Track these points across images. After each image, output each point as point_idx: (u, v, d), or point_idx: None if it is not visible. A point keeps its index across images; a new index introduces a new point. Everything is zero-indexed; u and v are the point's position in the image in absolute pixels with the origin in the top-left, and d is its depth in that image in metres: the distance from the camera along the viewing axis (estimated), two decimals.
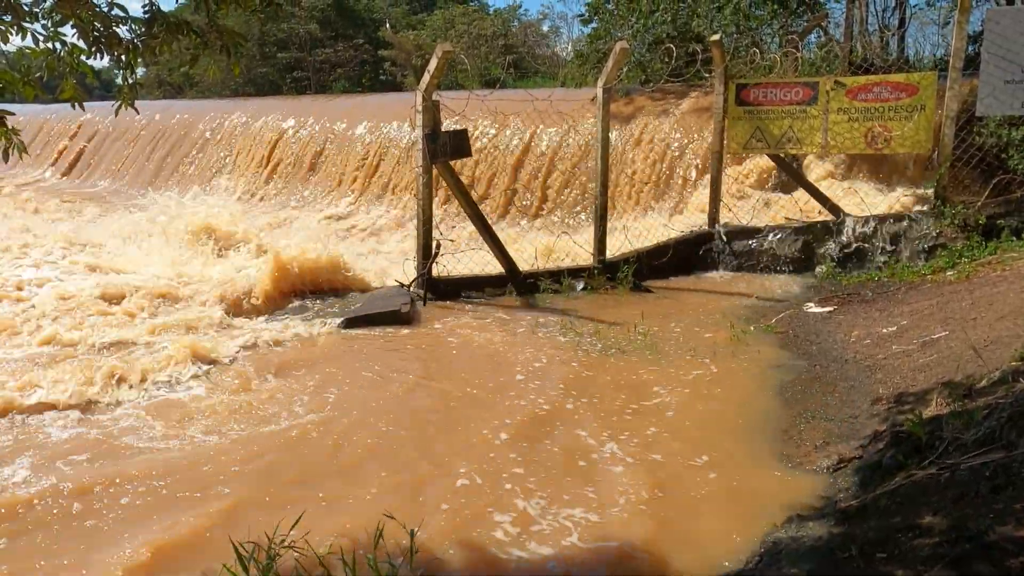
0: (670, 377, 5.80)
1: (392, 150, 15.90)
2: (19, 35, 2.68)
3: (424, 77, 8.03)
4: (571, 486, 4.16)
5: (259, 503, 4.00)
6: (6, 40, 2.65)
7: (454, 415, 5.20)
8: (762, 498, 3.93)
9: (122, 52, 2.73)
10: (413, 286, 8.32)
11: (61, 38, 2.72)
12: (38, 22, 2.68)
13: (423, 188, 8.31)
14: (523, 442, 4.73)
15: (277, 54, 31.19)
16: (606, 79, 8.80)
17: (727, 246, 9.61)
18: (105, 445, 4.75)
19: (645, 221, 11.01)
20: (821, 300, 7.77)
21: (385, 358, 6.43)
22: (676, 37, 14.57)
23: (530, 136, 13.98)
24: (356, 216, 14.95)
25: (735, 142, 9.69)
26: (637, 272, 8.88)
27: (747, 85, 9.53)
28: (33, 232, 12.25)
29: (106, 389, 5.59)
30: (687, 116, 13.00)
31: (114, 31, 2.68)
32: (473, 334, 7.08)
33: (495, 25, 27.60)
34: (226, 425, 5.03)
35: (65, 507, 3.97)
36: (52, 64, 2.76)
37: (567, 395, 5.49)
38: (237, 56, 2.91)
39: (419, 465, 4.45)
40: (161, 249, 10.02)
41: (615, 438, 4.74)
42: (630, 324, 7.10)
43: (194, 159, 20.23)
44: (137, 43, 2.76)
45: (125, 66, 2.85)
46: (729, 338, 6.60)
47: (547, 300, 8.24)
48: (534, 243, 9.68)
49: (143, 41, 2.76)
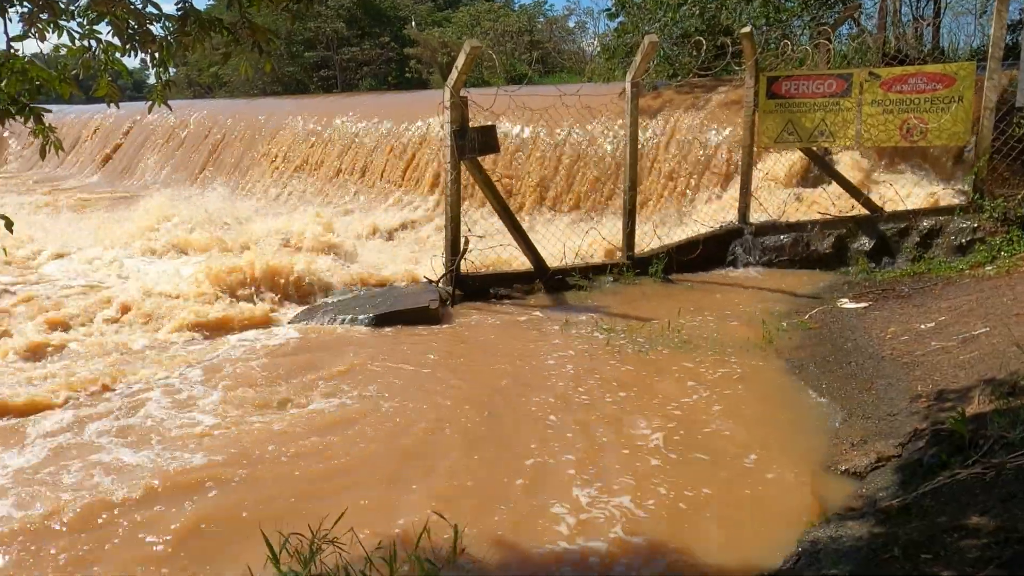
0: (704, 374, 5.73)
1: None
2: (55, 33, 2.70)
3: (452, 73, 8.01)
4: (612, 481, 4.12)
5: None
6: (43, 38, 2.67)
7: (493, 411, 5.18)
8: (799, 497, 3.85)
9: (155, 50, 2.74)
10: (441, 283, 8.31)
11: (96, 36, 2.74)
12: (74, 20, 2.70)
13: (451, 185, 8.30)
14: (561, 439, 4.69)
15: (304, 53, 31.44)
16: (634, 74, 8.72)
17: (758, 241, 9.48)
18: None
19: (674, 216, 10.89)
20: (855, 296, 7.62)
21: (414, 357, 6.43)
22: (705, 31, 14.40)
23: (557, 131, 13.91)
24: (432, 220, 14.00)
25: (766, 136, 9.54)
26: (667, 267, 8.80)
27: (778, 78, 9.37)
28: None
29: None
30: (716, 110, 12.83)
31: (148, 28, 2.69)
32: (503, 331, 7.06)
33: (520, 21, 27.55)
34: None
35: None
36: (88, 63, 2.78)
37: (604, 393, 5.45)
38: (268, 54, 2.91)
39: (465, 462, 4.44)
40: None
41: (652, 436, 4.69)
42: (661, 320, 7.02)
43: (263, 159, 19.14)
44: (170, 40, 2.77)
45: (159, 64, 2.86)
46: (762, 334, 6.50)
47: (576, 296, 8.19)
48: (561, 239, 9.61)
49: (176, 38, 2.77)
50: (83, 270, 10.16)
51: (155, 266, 10.11)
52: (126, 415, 5.19)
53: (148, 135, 24.13)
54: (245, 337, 7.06)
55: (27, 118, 2.72)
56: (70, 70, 2.79)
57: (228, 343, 6.88)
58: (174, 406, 5.32)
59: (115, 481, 4.19)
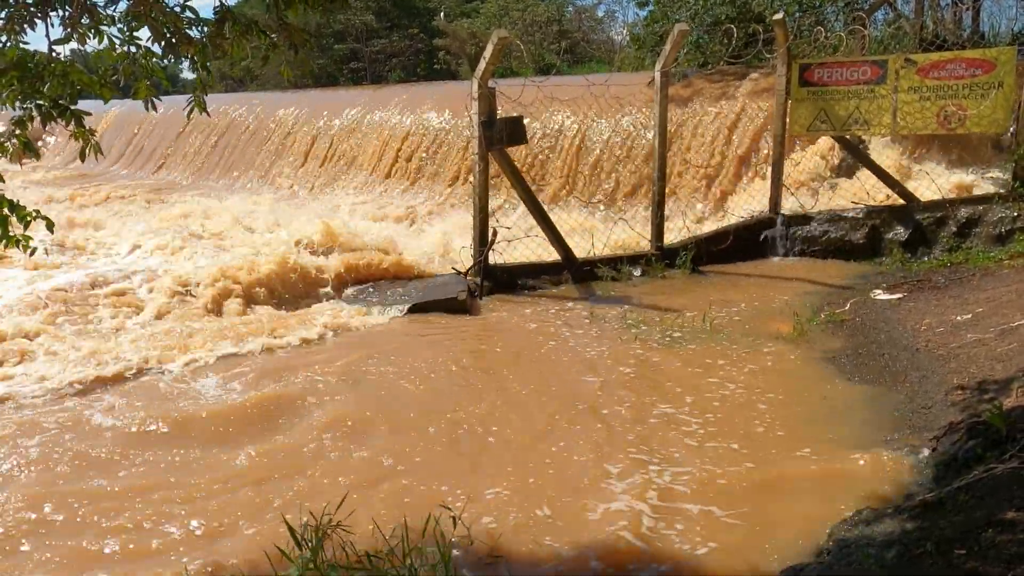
0: (734, 367, 5.69)
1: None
2: (96, 39, 2.77)
3: (480, 64, 8.02)
4: (646, 472, 4.14)
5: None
6: (84, 43, 2.74)
7: (527, 402, 5.22)
8: (831, 489, 3.82)
9: (194, 52, 2.79)
10: (470, 274, 8.35)
11: (136, 41, 2.80)
12: (115, 26, 2.76)
13: (479, 175, 8.31)
14: (594, 431, 4.71)
15: (334, 46, 31.65)
16: (664, 62, 8.64)
17: (789, 231, 9.36)
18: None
19: (704, 206, 10.80)
20: (890, 287, 7.50)
21: (441, 349, 6.48)
22: (736, 18, 14.21)
23: (585, 121, 13.85)
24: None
25: (798, 124, 9.40)
26: (696, 258, 8.74)
27: (811, 65, 9.22)
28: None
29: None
30: (747, 98, 12.66)
31: (185, 32, 2.75)
32: (532, 323, 7.08)
33: (549, 11, 27.40)
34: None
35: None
36: (128, 69, 2.84)
37: (637, 385, 5.46)
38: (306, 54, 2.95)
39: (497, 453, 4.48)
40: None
41: (685, 427, 4.69)
42: (691, 312, 6.99)
43: (326, 154, 18.18)
44: (207, 43, 2.82)
45: (201, 66, 2.91)
46: (794, 326, 6.43)
47: (605, 287, 8.17)
48: (590, 229, 9.60)
49: (213, 41, 2.81)
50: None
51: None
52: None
53: (214, 132, 22.60)
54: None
55: (68, 121, 2.79)
56: (110, 75, 2.85)
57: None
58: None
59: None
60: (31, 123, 2.80)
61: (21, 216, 2.56)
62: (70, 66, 2.67)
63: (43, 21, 2.63)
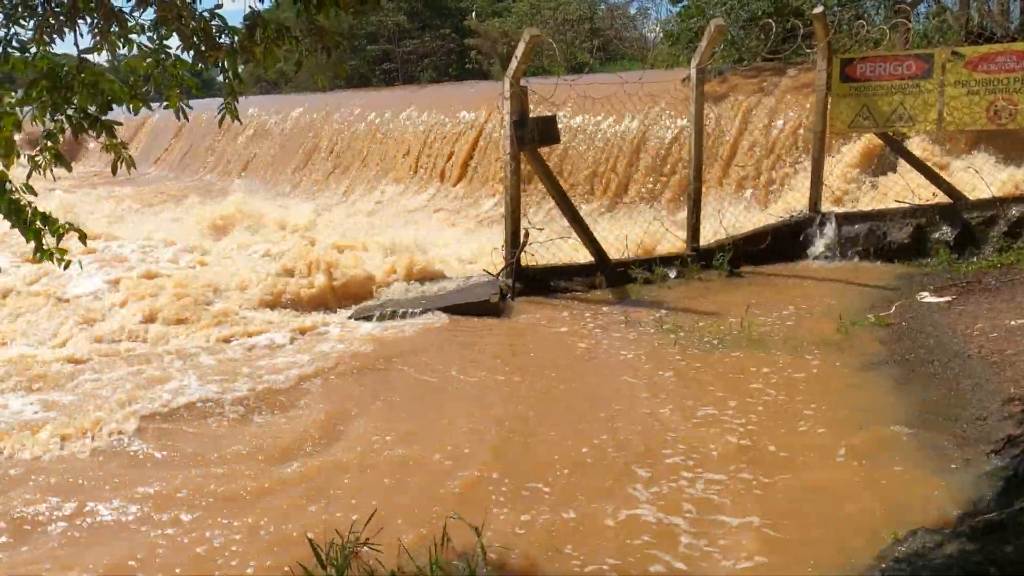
0: (776, 373, 5.52)
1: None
2: (126, 48, 2.73)
3: (511, 63, 7.92)
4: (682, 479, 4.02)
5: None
6: (113, 51, 2.70)
7: (563, 410, 5.12)
8: (881, 508, 3.65)
9: (224, 58, 2.74)
10: (501, 275, 8.27)
11: (167, 49, 2.75)
12: (144, 34, 2.72)
13: (511, 176, 8.21)
14: (635, 437, 4.60)
15: (367, 47, 31.79)
16: (700, 59, 8.46)
17: (830, 231, 9.09)
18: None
19: (740, 206, 10.57)
20: (937, 289, 7.24)
21: (474, 353, 6.41)
22: (772, 13, 13.91)
23: (618, 119, 13.67)
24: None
25: (839, 121, 9.14)
26: (733, 260, 8.54)
27: (852, 60, 8.95)
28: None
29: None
30: (784, 95, 12.39)
31: (215, 39, 2.70)
32: (566, 326, 6.96)
33: (581, 9, 27.15)
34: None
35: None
36: (159, 78, 2.80)
37: (673, 392, 5.32)
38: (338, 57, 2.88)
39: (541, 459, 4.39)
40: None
41: (726, 438, 4.55)
42: (729, 315, 6.81)
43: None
44: (237, 50, 2.77)
45: (232, 74, 2.86)
46: (837, 330, 6.23)
47: (639, 290, 8.03)
48: (624, 230, 9.44)
49: (244, 48, 2.76)
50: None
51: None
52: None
53: (260, 135, 22.76)
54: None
55: (99, 132, 2.77)
56: (141, 86, 2.82)
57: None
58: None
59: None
60: (62, 135, 2.78)
61: (54, 229, 2.53)
62: (100, 75, 2.65)
63: (72, 31, 2.61)
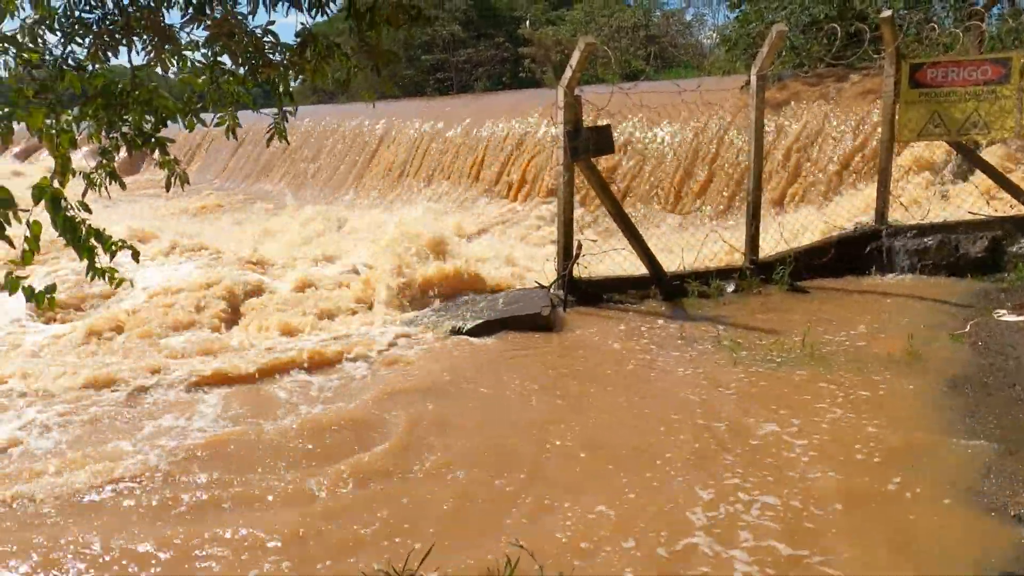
0: (841, 395, 5.26)
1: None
2: (180, 65, 2.74)
3: (565, 72, 7.82)
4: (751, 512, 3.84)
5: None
6: (166, 69, 2.71)
7: (619, 426, 4.99)
8: (957, 548, 3.41)
9: (275, 75, 2.72)
10: (553, 288, 8.15)
11: (221, 66, 2.75)
12: (198, 51, 2.72)
13: (564, 187, 8.10)
14: (699, 459, 4.43)
15: (421, 56, 32.14)
16: (761, 65, 8.22)
17: (898, 244, 8.70)
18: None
19: (801, 217, 10.23)
20: (1016, 307, 6.84)
21: (529, 365, 6.30)
22: (835, 17, 13.51)
23: (674, 128, 13.44)
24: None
25: (908, 129, 8.75)
26: (794, 273, 8.24)
27: (923, 65, 8.56)
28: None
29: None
30: (847, 101, 12.00)
31: (267, 55, 2.68)
32: (620, 341, 6.79)
33: (636, 16, 26.92)
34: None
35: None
36: (214, 95, 2.80)
37: (737, 412, 5.10)
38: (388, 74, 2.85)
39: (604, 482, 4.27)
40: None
41: (794, 463, 4.34)
42: (791, 332, 6.56)
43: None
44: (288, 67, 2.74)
45: (284, 91, 2.84)
46: (907, 350, 5.92)
47: (695, 304, 7.81)
48: (679, 242, 9.23)
49: (295, 65, 2.73)
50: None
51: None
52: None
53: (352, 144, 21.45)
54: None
55: (153, 149, 2.77)
56: (195, 102, 2.82)
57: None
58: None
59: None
60: (117, 152, 2.80)
61: (107, 246, 2.53)
62: (154, 92, 2.65)
63: (127, 48, 2.62)
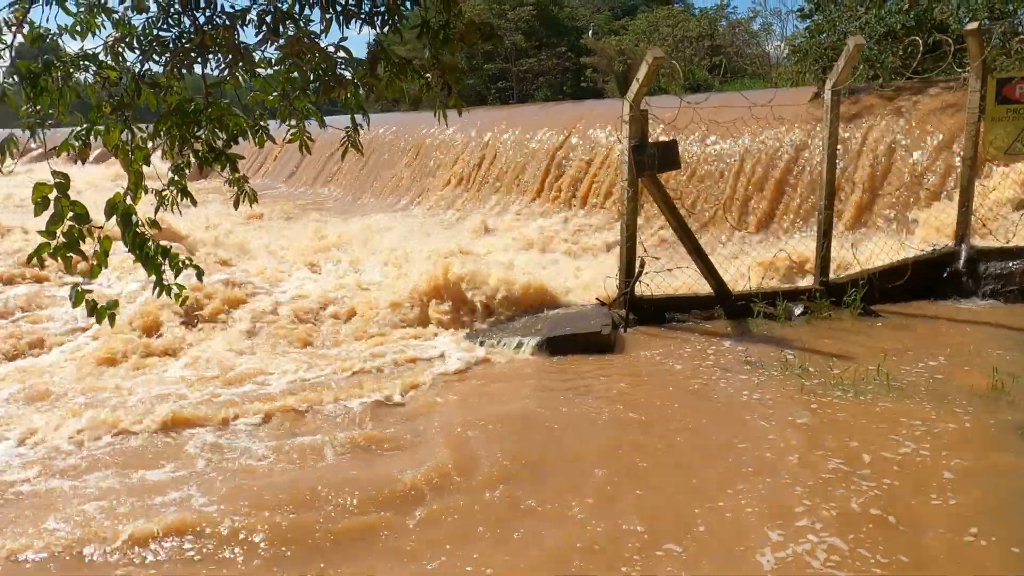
0: (918, 430, 4.97)
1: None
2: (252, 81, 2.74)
3: (632, 86, 7.68)
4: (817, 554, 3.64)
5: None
6: (238, 86, 2.71)
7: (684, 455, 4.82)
8: None
9: (346, 92, 2.70)
10: (615, 305, 7.98)
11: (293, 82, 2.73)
12: (270, 68, 2.72)
13: (628, 203, 7.96)
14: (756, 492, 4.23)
15: (484, 65, 32.37)
16: (837, 79, 7.92)
17: (979, 268, 8.26)
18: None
19: (875, 237, 9.83)
20: None
21: (589, 387, 6.14)
22: (913, 28, 12.99)
23: (740, 142, 13.11)
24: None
25: (994, 146, 8.31)
26: (866, 296, 7.89)
27: (1011, 80, 8.12)
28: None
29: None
30: (925, 117, 11.49)
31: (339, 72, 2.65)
32: (683, 364, 6.56)
33: (700, 26, 26.54)
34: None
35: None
36: (284, 112, 2.79)
37: (805, 445, 4.85)
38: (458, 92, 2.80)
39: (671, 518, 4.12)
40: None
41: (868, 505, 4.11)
42: (863, 360, 6.25)
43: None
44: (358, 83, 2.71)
45: (356, 107, 2.81)
46: (990, 382, 5.57)
47: (761, 326, 7.53)
48: (746, 261, 8.95)
49: (365, 81, 2.71)
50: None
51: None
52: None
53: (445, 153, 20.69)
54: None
55: (223, 166, 2.77)
56: (266, 119, 2.82)
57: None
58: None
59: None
60: (188, 169, 2.81)
61: (174, 264, 2.54)
62: (226, 110, 2.65)
63: (202, 66, 2.62)
